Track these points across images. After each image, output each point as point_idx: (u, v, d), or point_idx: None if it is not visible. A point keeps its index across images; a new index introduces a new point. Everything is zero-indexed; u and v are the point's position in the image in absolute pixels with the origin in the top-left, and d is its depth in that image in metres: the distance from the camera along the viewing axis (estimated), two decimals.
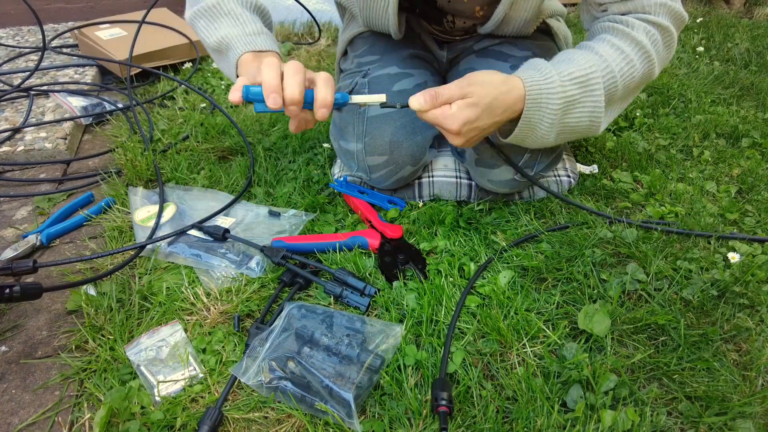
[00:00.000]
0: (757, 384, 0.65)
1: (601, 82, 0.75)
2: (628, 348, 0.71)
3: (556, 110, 0.74)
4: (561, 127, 0.77)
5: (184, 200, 1.01)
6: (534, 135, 0.78)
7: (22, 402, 0.66)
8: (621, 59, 0.77)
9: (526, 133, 0.77)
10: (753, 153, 1.18)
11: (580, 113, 0.76)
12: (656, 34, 0.78)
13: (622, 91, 0.79)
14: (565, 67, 0.75)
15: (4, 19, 2.16)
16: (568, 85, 0.74)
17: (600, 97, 0.76)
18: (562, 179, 1.02)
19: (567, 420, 0.60)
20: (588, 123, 0.78)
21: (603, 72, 0.76)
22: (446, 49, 1.08)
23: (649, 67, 0.79)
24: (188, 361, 0.69)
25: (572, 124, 0.77)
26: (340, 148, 1.00)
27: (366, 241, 0.87)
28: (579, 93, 0.75)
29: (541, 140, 0.79)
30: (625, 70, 0.77)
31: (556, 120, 0.75)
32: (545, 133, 0.77)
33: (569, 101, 0.74)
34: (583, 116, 0.77)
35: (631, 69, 0.77)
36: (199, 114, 1.36)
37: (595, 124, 0.79)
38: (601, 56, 0.77)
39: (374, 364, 0.65)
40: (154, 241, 0.87)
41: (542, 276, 0.82)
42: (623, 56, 0.77)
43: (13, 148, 1.18)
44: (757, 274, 0.79)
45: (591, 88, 0.75)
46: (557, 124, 0.76)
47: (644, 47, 0.77)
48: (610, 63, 0.76)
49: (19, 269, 0.74)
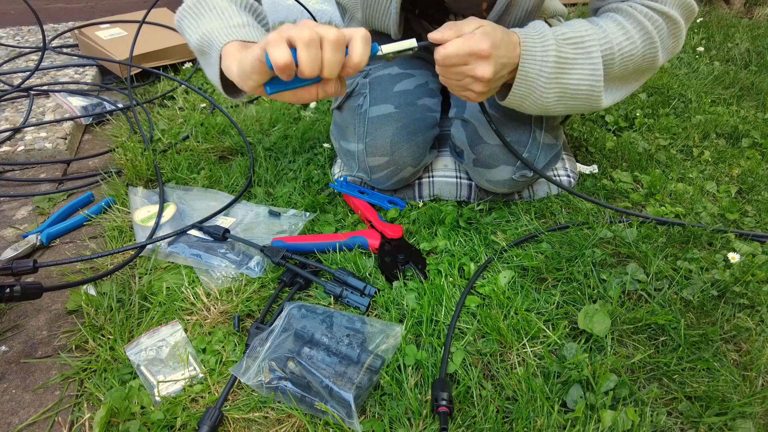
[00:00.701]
0: (757, 384, 0.65)
1: (598, 48, 0.74)
2: (628, 348, 0.71)
3: (551, 64, 0.73)
4: (560, 89, 0.75)
5: (184, 200, 1.01)
6: (532, 94, 0.76)
7: (22, 402, 0.66)
8: (620, 33, 0.75)
9: (524, 90, 0.75)
10: (753, 153, 1.18)
11: (578, 75, 0.75)
12: (660, 21, 0.76)
13: (620, 67, 0.77)
14: (560, 29, 0.74)
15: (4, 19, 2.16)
16: (563, 44, 0.73)
17: (597, 61, 0.74)
18: (562, 179, 1.02)
19: (567, 420, 0.60)
20: (588, 88, 0.76)
21: (600, 40, 0.75)
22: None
23: (651, 50, 0.77)
24: (188, 361, 0.69)
25: (572, 85, 0.76)
26: (340, 148, 1.00)
27: (366, 241, 0.87)
28: (574, 53, 0.74)
29: (541, 101, 0.77)
30: (624, 44, 0.75)
31: (553, 76, 0.74)
32: (543, 90, 0.75)
33: (564, 59, 0.73)
34: (583, 79, 0.75)
35: (630, 45, 0.76)
36: (199, 114, 1.36)
37: (596, 92, 0.77)
38: (600, 27, 0.76)
39: (374, 365, 0.65)
40: (154, 241, 0.87)
41: (542, 276, 0.82)
42: (623, 31, 0.76)
43: (13, 147, 1.18)
44: (757, 274, 0.79)
45: (587, 50, 0.74)
46: (554, 82, 0.74)
47: (645, 27, 0.76)
48: (608, 34, 0.75)
49: (19, 269, 0.74)
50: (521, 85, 0.75)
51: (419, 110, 0.95)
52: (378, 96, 0.96)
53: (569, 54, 0.74)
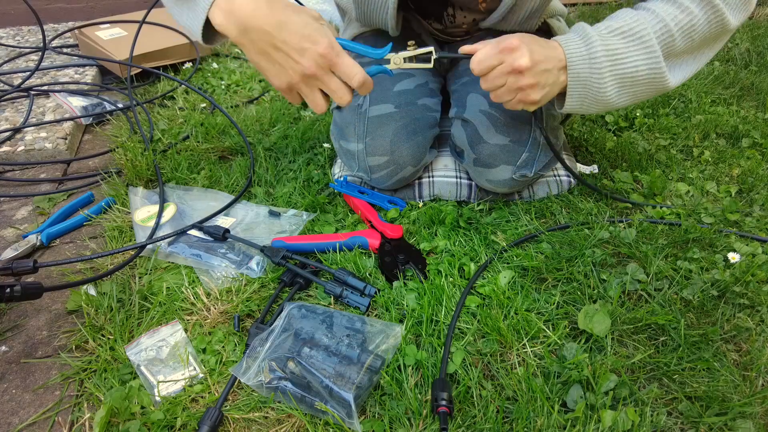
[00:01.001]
0: (757, 384, 0.65)
1: (650, 30, 0.73)
2: (628, 348, 0.71)
3: (600, 58, 0.73)
4: (618, 80, 0.75)
5: (184, 200, 1.01)
6: (590, 92, 0.76)
7: (23, 402, 0.66)
8: (673, 8, 0.74)
9: (579, 90, 0.76)
10: (753, 153, 1.18)
11: (634, 62, 0.74)
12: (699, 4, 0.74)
13: (684, 41, 0.75)
14: (605, 24, 0.75)
15: (4, 19, 2.16)
16: (608, 37, 0.73)
17: (651, 43, 0.73)
18: (562, 179, 1.02)
19: (567, 420, 0.60)
20: (648, 73, 0.75)
21: (651, 22, 0.74)
22: (446, 49, 1.08)
23: (716, 15, 0.74)
24: (188, 361, 0.69)
25: (630, 73, 0.75)
26: (340, 148, 1.00)
27: (366, 241, 0.87)
28: (623, 44, 0.73)
29: (601, 96, 0.76)
30: (680, 18, 0.74)
31: (606, 70, 0.73)
32: (599, 85, 0.75)
33: (613, 50, 0.73)
34: (640, 65, 0.75)
35: (688, 17, 0.74)
36: (199, 114, 1.36)
37: (659, 74, 0.76)
38: (648, 10, 0.75)
39: (374, 365, 0.65)
40: (155, 241, 0.87)
41: (542, 276, 0.82)
42: (675, 5, 0.74)
43: (13, 148, 1.18)
44: (757, 274, 0.79)
45: (637, 36, 0.73)
46: (609, 74, 0.74)
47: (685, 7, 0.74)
48: (659, 13, 0.74)
49: (19, 269, 0.74)
50: (575, 86, 0.75)
51: (419, 110, 0.95)
52: (378, 96, 0.96)
53: (618, 45, 0.73)
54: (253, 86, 1.59)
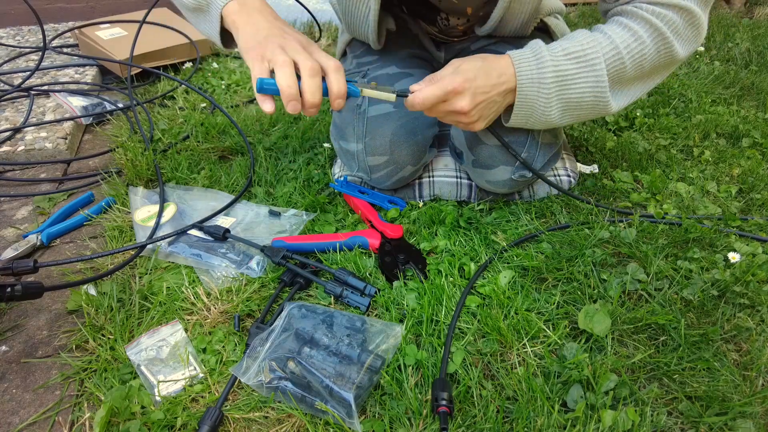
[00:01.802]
0: (757, 384, 0.65)
1: (602, 57, 0.75)
2: (628, 348, 0.71)
3: (549, 83, 0.74)
4: (564, 104, 0.77)
5: (184, 200, 1.01)
6: (534, 113, 0.78)
7: (23, 401, 0.66)
8: (627, 35, 0.76)
9: (525, 111, 0.78)
10: (753, 153, 1.18)
11: (581, 88, 0.76)
12: (670, 15, 0.75)
13: (633, 69, 0.77)
14: (560, 44, 0.75)
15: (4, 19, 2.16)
16: (562, 60, 0.74)
17: (601, 70, 0.75)
18: (562, 179, 1.02)
19: (567, 420, 0.60)
20: (593, 99, 0.77)
21: (604, 48, 0.75)
22: (443, 50, 1.08)
23: (665, 46, 0.76)
24: (188, 360, 0.69)
25: (575, 99, 0.77)
26: (340, 148, 1.00)
27: (366, 241, 0.87)
28: (575, 67, 0.75)
29: (545, 118, 0.78)
30: (633, 46, 0.76)
31: (553, 94, 0.75)
32: (545, 109, 0.77)
33: (563, 74, 0.75)
34: (586, 91, 0.76)
35: (639, 45, 0.76)
36: (200, 114, 1.36)
37: (602, 101, 0.78)
38: (604, 34, 0.76)
39: (374, 365, 0.65)
40: (155, 241, 0.87)
41: (542, 276, 0.82)
42: (630, 32, 0.76)
43: (13, 147, 1.18)
44: (757, 274, 0.79)
45: (589, 62, 0.75)
46: (555, 99, 0.76)
47: (654, 25, 0.75)
48: (614, 39, 0.75)
49: (19, 269, 0.74)
50: (521, 106, 0.77)
51: None
52: None
53: (569, 68, 0.75)
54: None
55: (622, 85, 0.79)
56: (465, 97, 0.72)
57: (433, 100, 0.72)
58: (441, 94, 0.72)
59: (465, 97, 0.72)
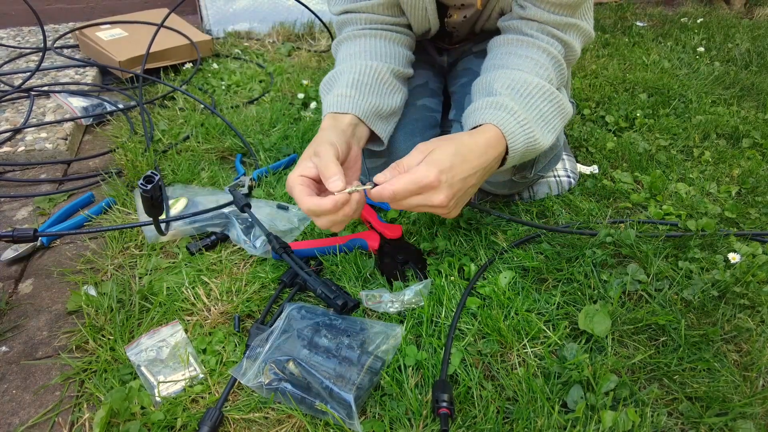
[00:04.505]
0: (757, 384, 0.65)
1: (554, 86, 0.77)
2: (628, 348, 0.71)
3: (535, 131, 0.73)
4: (545, 131, 0.76)
5: (194, 194, 1.02)
6: (528, 154, 0.76)
7: (23, 402, 0.66)
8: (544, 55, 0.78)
9: (518, 158, 0.75)
10: (753, 153, 1.18)
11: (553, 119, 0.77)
12: (560, 48, 0.79)
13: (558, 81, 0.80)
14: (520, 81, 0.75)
15: (4, 19, 2.17)
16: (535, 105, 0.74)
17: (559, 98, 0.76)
18: (562, 179, 1.02)
19: (567, 420, 0.60)
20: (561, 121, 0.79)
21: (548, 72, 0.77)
22: (446, 54, 1.08)
23: (561, 77, 0.80)
24: (188, 361, 0.69)
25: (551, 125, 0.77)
26: None
27: (366, 244, 0.87)
28: (545, 105, 0.75)
29: (539, 150, 0.77)
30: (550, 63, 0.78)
31: (538, 134, 0.74)
32: (536, 147, 0.74)
33: (541, 116, 0.75)
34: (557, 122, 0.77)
35: (554, 60, 0.78)
36: (200, 114, 1.36)
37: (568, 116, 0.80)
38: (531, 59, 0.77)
39: (375, 366, 0.65)
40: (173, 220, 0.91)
41: (543, 276, 0.82)
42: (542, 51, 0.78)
43: (13, 148, 1.18)
44: (757, 275, 0.79)
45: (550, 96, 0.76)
46: (540, 136, 0.74)
47: (554, 56, 0.78)
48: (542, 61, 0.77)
49: (20, 236, 0.81)
50: (514, 158, 0.73)
51: (418, 111, 0.95)
52: None
53: (541, 107, 0.75)
54: (253, 87, 1.59)
55: None
56: (441, 190, 0.64)
57: (405, 195, 0.63)
58: (414, 188, 0.63)
59: (441, 190, 0.64)
